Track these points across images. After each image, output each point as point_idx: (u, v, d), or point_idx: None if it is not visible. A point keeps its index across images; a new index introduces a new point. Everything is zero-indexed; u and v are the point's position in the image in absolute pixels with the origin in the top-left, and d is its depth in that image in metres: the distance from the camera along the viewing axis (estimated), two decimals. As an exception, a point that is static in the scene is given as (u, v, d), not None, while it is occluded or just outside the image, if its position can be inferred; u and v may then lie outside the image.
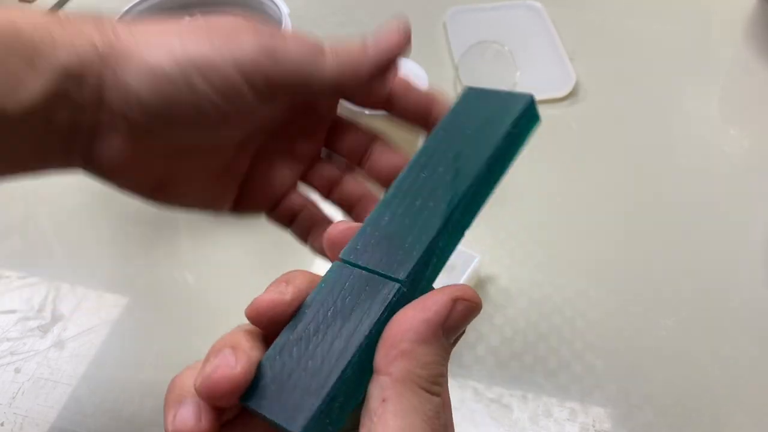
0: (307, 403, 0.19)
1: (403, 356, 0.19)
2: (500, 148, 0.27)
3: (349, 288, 0.21)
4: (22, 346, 0.46)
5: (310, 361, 0.20)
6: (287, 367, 0.20)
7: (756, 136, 0.61)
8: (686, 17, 0.74)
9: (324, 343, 0.20)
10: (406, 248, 0.22)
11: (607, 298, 0.48)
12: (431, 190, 0.24)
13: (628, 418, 0.42)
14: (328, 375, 0.19)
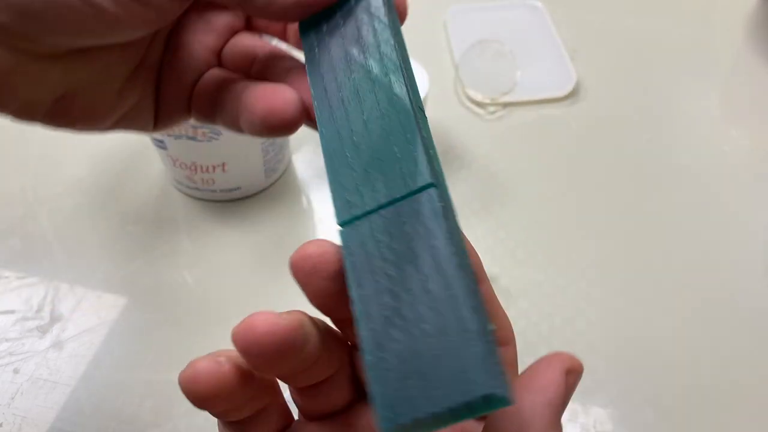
0: (472, 352, 0.14)
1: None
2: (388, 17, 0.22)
3: (384, 238, 0.17)
4: (21, 347, 0.46)
5: (424, 325, 0.15)
6: (403, 352, 0.15)
7: (757, 136, 0.60)
8: (687, 17, 0.74)
9: (420, 304, 0.16)
10: (400, 156, 0.18)
11: (608, 299, 0.48)
12: (366, 82, 0.21)
13: (629, 419, 0.42)
14: (463, 317, 0.15)
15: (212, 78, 0.26)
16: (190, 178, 0.54)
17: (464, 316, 0.15)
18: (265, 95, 0.23)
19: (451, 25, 0.72)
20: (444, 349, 0.14)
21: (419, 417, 0.14)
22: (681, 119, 0.62)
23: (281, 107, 0.23)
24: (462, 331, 0.14)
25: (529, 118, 0.62)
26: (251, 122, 0.23)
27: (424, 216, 0.17)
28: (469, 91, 0.64)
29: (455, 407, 0.14)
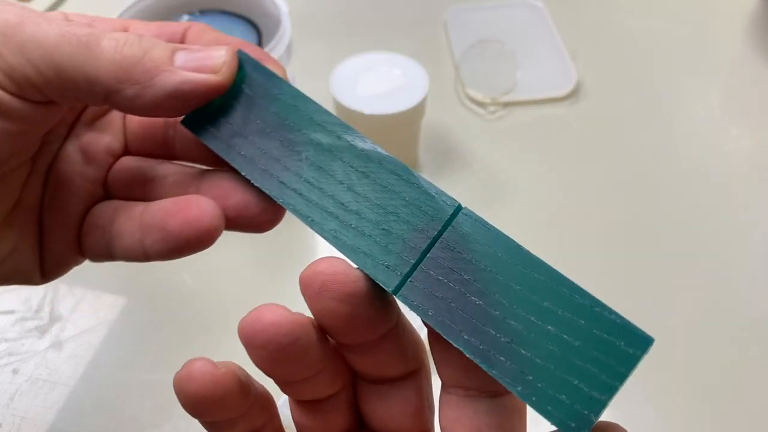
0: (608, 323, 0.16)
1: None
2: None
3: (449, 275, 0.17)
4: (20, 347, 0.46)
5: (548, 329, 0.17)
6: (547, 365, 0.16)
7: (757, 135, 0.60)
8: (687, 16, 0.74)
9: (525, 312, 0.17)
10: (410, 199, 0.19)
11: (608, 299, 0.48)
12: (323, 155, 0.20)
13: (629, 420, 0.42)
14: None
15: (102, 211, 0.23)
16: (189, 178, 0.53)
17: (577, 299, 0.16)
18: (177, 209, 0.21)
19: (451, 25, 0.72)
20: (580, 336, 0.16)
21: (602, 405, 0.16)
22: (681, 119, 0.62)
23: (198, 217, 0.21)
24: (587, 313, 0.16)
25: (529, 118, 0.62)
26: (164, 242, 0.21)
27: (476, 234, 0.18)
28: (470, 90, 0.64)
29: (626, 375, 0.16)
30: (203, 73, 0.20)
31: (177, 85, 0.20)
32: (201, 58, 0.20)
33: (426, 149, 0.59)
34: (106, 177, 0.24)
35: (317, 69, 0.60)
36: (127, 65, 0.19)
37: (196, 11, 0.53)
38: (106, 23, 0.22)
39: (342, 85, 0.52)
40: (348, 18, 0.75)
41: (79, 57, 0.19)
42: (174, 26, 0.23)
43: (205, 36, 0.23)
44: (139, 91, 0.19)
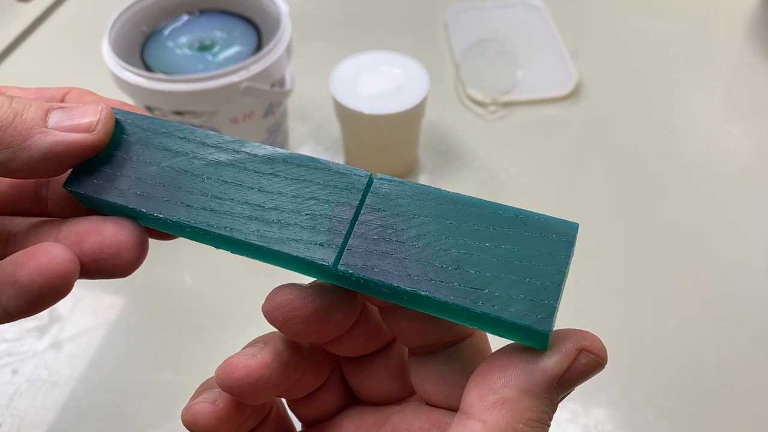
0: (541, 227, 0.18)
1: (504, 405, 0.16)
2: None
3: (382, 232, 0.18)
4: (20, 347, 0.46)
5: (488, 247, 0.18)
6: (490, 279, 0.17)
7: (758, 135, 0.60)
8: (688, 16, 0.74)
9: (453, 240, 0.18)
10: (325, 182, 0.19)
11: (608, 298, 0.48)
12: (226, 171, 0.20)
13: (629, 420, 0.42)
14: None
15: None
16: (189, 178, 0.53)
17: (502, 214, 0.18)
18: (25, 259, 0.19)
19: (451, 25, 0.72)
20: (515, 242, 0.17)
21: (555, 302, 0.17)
22: (682, 118, 0.62)
23: (46, 263, 0.18)
24: (515, 221, 0.18)
25: (529, 118, 0.62)
26: (18, 296, 0.19)
27: (396, 191, 0.19)
28: (470, 90, 0.64)
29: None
30: (77, 133, 0.19)
31: (50, 146, 0.19)
32: (75, 116, 0.20)
33: (426, 149, 0.59)
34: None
35: (317, 69, 0.60)
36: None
37: (196, 11, 0.53)
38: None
39: (342, 85, 0.52)
40: (348, 18, 0.75)
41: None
42: (52, 92, 0.23)
43: (85, 99, 0.23)
44: (11, 155, 0.18)
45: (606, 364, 0.18)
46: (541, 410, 0.17)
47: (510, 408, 0.16)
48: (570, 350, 0.17)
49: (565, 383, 0.17)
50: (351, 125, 0.53)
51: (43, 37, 0.73)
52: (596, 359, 0.18)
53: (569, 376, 0.17)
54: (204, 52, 0.50)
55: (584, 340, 0.18)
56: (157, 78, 0.45)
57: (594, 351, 0.18)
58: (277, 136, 0.54)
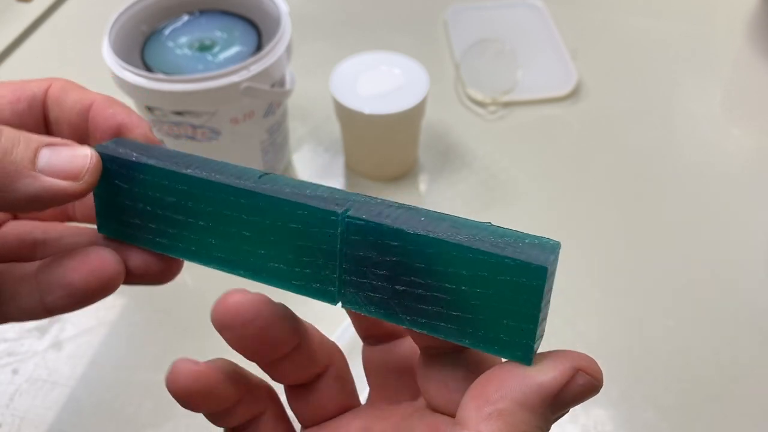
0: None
1: (499, 417, 0.16)
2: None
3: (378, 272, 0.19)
4: (20, 347, 0.46)
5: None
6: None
7: (758, 135, 0.60)
8: (688, 16, 0.74)
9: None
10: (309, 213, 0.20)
11: (608, 299, 0.48)
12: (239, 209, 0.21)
13: (629, 420, 0.42)
14: None
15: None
16: (189, 178, 0.53)
17: (472, 257, 0.18)
18: (78, 263, 0.21)
19: (451, 25, 0.72)
20: (489, 285, 0.18)
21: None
22: (682, 118, 0.62)
23: (100, 267, 0.21)
24: (486, 265, 0.18)
25: (529, 118, 0.62)
26: (69, 297, 0.21)
27: (369, 235, 0.19)
28: (470, 90, 0.64)
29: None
30: (64, 180, 0.20)
31: (38, 192, 0.19)
32: (64, 160, 0.20)
33: (426, 149, 0.59)
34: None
35: (317, 69, 0.60)
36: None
37: (196, 11, 0.53)
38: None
39: (342, 85, 0.52)
40: (348, 18, 0.75)
41: None
42: (33, 86, 0.23)
43: (70, 96, 0.23)
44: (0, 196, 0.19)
45: (601, 387, 0.18)
46: (535, 425, 0.17)
47: (505, 420, 0.16)
48: (567, 369, 0.17)
49: (560, 402, 0.17)
50: (351, 125, 0.53)
51: (44, 37, 0.73)
52: (592, 381, 0.18)
53: (564, 395, 0.17)
54: (204, 52, 0.50)
55: (582, 361, 0.18)
56: (157, 78, 0.45)
57: (590, 372, 0.18)
58: (277, 136, 0.54)
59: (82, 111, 0.22)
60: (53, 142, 0.20)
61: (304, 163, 0.59)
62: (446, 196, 0.55)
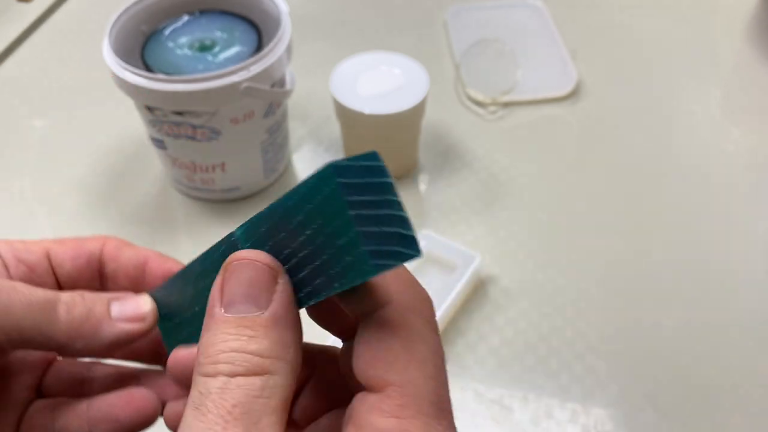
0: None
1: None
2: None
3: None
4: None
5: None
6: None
7: (758, 135, 0.60)
8: (688, 17, 0.74)
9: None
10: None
11: (608, 299, 0.48)
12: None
13: (629, 420, 0.42)
14: None
15: (39, 411, 0.26)
16: (189, 178, 0.53)
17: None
18: (124, 402, 0.25)
19: (451, 25, 0.72)
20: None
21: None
22: (682, 118, 0.62)
23: (144, 406, 0.25)
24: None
25: (529, 118, 0.62)
26: (115, 429, 0.25)
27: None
28: (470, 90, 0.64)
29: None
30: (134, 323, 0.25)
31: (116, 336, 0.24)
32: (132, 310, 0.25)
33: (426, 149, 0.59)
34: (39, 383, 0.27)
35: (317, 69, 0.60)
36: (76, 325, 0.23)
37: (196, 11, 0.53)
38: (29, 252, 0.26)
39: (342, 85, 0.52)
40: (348, 18, 0.75)
41: (41, 323, 0.23)
42: (90, 244, 0.27)
43: (124, 254, 0.27)
44: (85, 344, 0.24)
45: (253, 260, 0.19)
46: (213, 335, 0.19)
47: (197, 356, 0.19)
48: (219, 276, 0.20)
49: (230, 302, 0.19)
50: (351, 125, 0.53)
51: (44, 37, 0.73)
52: (239, 263, 0.19)
53: (228, 294, 0.19)
54: (204, 52, 0.50)
55: (228, 260, 0.20)
56: (157, 78, 0.45)
57: (232, 259, 0.19)
58: (277, 136, 0.54)
59: (138, 265, 0.27)
60: (118, 296, 0.25)
61: (304, 163, 0.59)
62: (446, 196, 0.55)
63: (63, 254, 0.26)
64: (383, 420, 0.17)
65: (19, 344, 0.23)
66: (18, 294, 0.23)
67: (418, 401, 0.17)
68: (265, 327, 0.18)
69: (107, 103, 0.59)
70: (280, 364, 0.18)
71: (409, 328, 0.18)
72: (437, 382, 0.18)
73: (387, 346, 0.18)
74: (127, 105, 0.51)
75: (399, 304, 0.19)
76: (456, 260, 0.48)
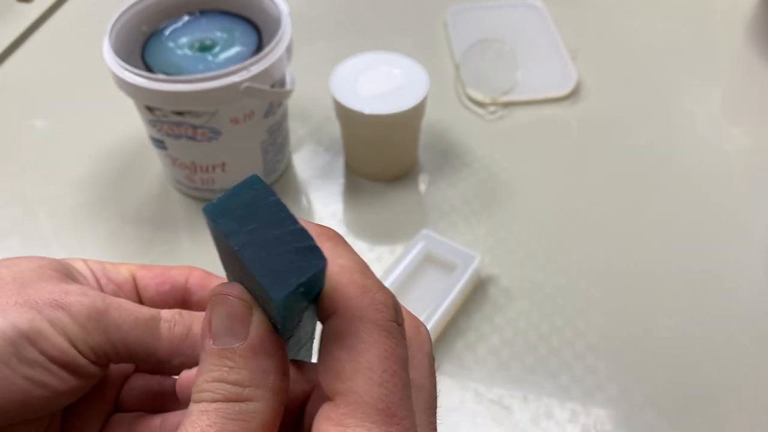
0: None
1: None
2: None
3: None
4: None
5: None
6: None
7: (757, 135, 0.60)
8: (688, 16, 0.74)
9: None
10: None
11: (608, 299, 0.48)
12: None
13: (629, 419, 0.42)
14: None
15: (117, 426, 0.27)
16: (189, 178, 0.53)
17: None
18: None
19: (451, 25, 0.72)
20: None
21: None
22: (682, 118, 0.62)
23: None
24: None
25: (529, 118, 0.62)
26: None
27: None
28: (470, 90, 0.64)
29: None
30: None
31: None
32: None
33: (426, 149, 0.59)
34: (119, 395, 0.28)
35: (317, 69, 0.60)
36: (177, 342, 0.24)
37: (196, 11, 0.54)
38: (117, 273, 0.27)
39: (342, 85, 0.52)
40: (348, 18, 0.75)
41: (146, 338, 0.24)
42: (175, 274, 0.27)
43: (213, 282, 0.27)
44: (183, 361, 0.24)
45: (232, 295, 0.19)
46: (207, 368, 0.19)
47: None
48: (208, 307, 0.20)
49: (217, 333, 0.19)
50: (351, 125, 0.53)
51: (44, 37, 0.73)
52: (217, 298, 0.20)
53: (215, 326, 0.19)
54: (204, 52, 0.50)
55: (213, 291, 0.20)
56: (157, 78, 0.45)
57: (215, 293, 0.20)
58: (277, 136, 0.54)
59: None
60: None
61: (304, 163, 0.59)
62: (446, 196, 0.55)
63: (149, 279, 0.27)
64: (331, 428, 0.18)
65: (124, 358, 0.24)
66: (126, 310, 0.24)
67: (364, 408, 0.17)
68: (243, 357, 0.19)
69: (107, 103, 0.59)
70: (260, 391, 0.19)
71: (355, 336, 0.18)
72: (386, 389, 0.18)
73: (335, 356, 0.18)
74: (127, 105, 0.51)
75: (346, 312, 0.19)
76: (456, 260, 0.48)
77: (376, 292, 0.20)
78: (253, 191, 0.18)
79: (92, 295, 0.23)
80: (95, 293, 0.23)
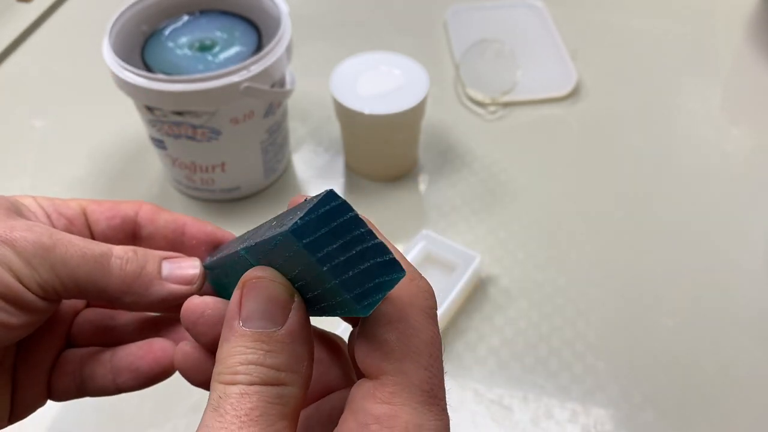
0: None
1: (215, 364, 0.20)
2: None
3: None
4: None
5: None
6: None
7: (758, 135, 0.60)
8: (688, 16, 0.74)
9: None
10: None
11: (608, 299, 0.48)
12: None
13: (629, 419, 0.42)
14: None
15: (69, 360, 0.27)
16: (189, 178, 0.53)
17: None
18: (144, 353, 0.26)
19: (451, 25, 0.72)
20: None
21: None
22: (681, 119, 0.62)
23: (162, 357, 0.26)
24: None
25: (529, 118, 0.62)
26: (136, 380, 0.26)
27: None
28: (470, 90, 0.64)
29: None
30: (183, 285, 0.25)
31: (165, 296, 0.25)
32: (181, 270, 0.26)
33: (426, 149, 0.59)
34: (70, 329, 0.28)
35: (317, 69, 0.60)
36: (129, 280, 0.24)
37: (196, 11, 0.54)
38: (68, 207, 0.27)
39: (342, 85, 0.52)
40: (348, 18, 0.75)
41: (95, 274, 0.24)
42: (125, 207, 0.28)
43: (161, 217, 0.27)
44: (136, 299, 0.25)
45: (271, 280, 0.20)
46: (232, 348, 0.20)
47: (216, 362, 0.19)
48: (236, 294, 0.20)
49: (248, 317, 0.20)
50: (351, 125, 0.53)
51: (44, 37, 0.73)
52: (256, 281, 0.20)
53: (247, 311, 0.20)
54: (204, 52, 0.50)
55: (245, 278, 0.20)
56: (157, 78, 0.45)
57: (249, 277, 0.20)
58: (277, 136, 0.54)
59: (176, 229, 0.27)
60: (169, 255, 0.26)
61: (304, 163, 0.59)
62: (446, 196, 0.55)
63: (99, 213, 0.27)
64: (376, 406, 0.18)
65: (74, 294, 0.24)
66: (74, 246, 0.23)
67: (411, 389, 0.19)
68: (281, 343, 0.19)
69: (107, 103, 0.59)
70: (295, 376, 0.19)
71: (406, 322, 0.19)
72: (430, 372, 0.19)
73: (383, 338, 0.19)
74: (127, 105, 0.51)
75: (398, 298, 0.20)
76: (456, 260, 0.48)
77: (420, 280, 0.21)
78: (330, 210, 0.18)
79: (38, 231, 0.23)
80: (42, 228, 0.23)
